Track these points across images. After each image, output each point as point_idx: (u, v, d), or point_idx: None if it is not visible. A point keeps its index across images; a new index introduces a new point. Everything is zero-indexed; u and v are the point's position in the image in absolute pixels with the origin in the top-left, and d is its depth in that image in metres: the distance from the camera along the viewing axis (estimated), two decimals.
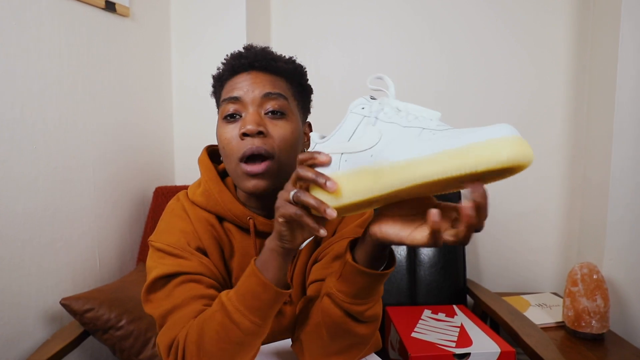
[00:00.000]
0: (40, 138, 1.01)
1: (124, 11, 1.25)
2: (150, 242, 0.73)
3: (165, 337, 0.64)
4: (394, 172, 0.47)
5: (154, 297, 0.68)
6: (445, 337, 1.14)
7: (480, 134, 0.43)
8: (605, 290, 1.24)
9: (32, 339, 1.00)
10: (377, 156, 0.49)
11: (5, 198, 0.93)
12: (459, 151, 0.43)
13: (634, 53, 1.32)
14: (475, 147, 0.42)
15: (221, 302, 0.61)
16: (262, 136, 0.68)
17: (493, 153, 0.41)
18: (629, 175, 1.35)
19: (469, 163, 0.42)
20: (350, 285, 0.59)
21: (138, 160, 1.35)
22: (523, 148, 0.42)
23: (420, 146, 0.46)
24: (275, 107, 0.70)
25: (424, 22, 1.63)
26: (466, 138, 0.43)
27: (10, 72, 0.94)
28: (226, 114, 0.70)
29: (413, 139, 0.47)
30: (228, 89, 0.72)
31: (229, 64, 0.74)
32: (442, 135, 0.46)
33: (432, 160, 0.44)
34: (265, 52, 0.74)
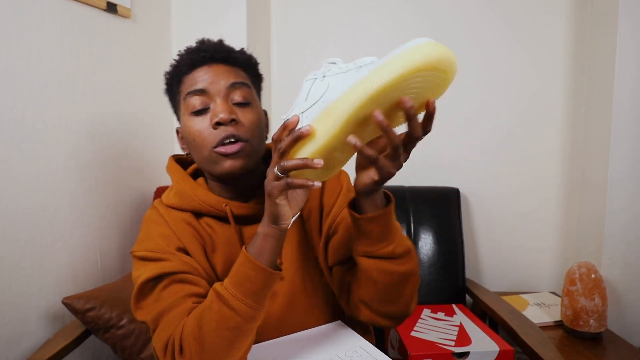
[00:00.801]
0: (41, 138, 1.01)
1: (125, 12, 1.25)
2: (132, 254, 0.74)
3: (160, 338, 0.65)
4: (339, 103, 0.53)
5: (144, 304, 0.69)
6: (444, 336, 1.15)
7: (398, 49, 0.50)
8: (604, 290, 1.25)
9: (33, 338, 1.00)
10: (326, 100, 0.55)
11: (6, 198, 0.93)
12: (383, 65, 0.49)
13: (632, 53, 1.33)
14: (395, 57, 0.49)
15: (216, 292, 0.63)
16: (234, 124, 0.71)
17: (411, 55, 0.48)
18: (627, 175, 1.35)
19: (394, 70, 0.48)
20: (367, 235, 0.65)
21: (139, 160, 1.36)
22: (438, 47, 0.49)
23: (355, 77, 0.53)
24: (241, 98, 0.73)
25: (424, 22, 1.63)
26: (387, 55, 0.50)
27: (11, 73, 0.94)
28: (194, 109, 0.72)
29: (351, 76, 0.54)
30: (189, 83, 0.73)
31: (187, 59, 0.75)
32: (372, 64, 0.53)
33: (364, 80, 0.50)
34: (222, 45, 0.76)
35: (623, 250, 1.37)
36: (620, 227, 1.37)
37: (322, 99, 0.56)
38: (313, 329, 0.78)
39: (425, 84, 0.51)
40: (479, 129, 1.64)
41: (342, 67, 0.57)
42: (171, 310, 0.66)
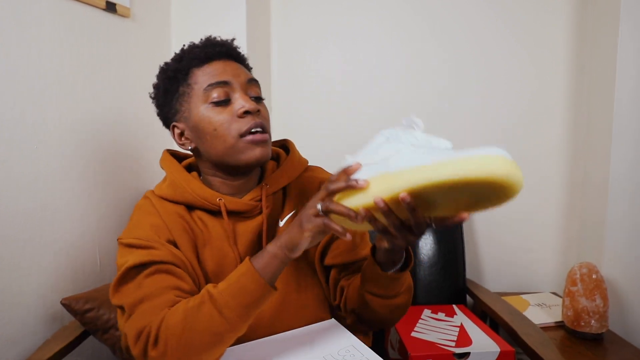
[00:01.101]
0: (40, 138, 1.01)
1: (124, 12, 1.25)
2: (119, 240, 0.74)
3: (135, 325, 0.64)
4: (399, 175, 0.53)
5: (125, 288, 0.69)
6: (445, 336, 1.14)
7: (476, 151, 0.48)
8: (605, 290, 1.25)
9: (32, 339, 1.00)
10: (389, 166, 0.55)
11: (5, 198, 0.93)
12: (450, 162, 0.48)
13: (633, 53, 1.32)
14: (464, 159, 0.47)
15: (210, 295, 0.63)
16: (259, 114, 0.74)
17: (483, 165, 0.46)
18: (628, 175, 1.35)
19: (458, 172, 0.47)
20: (381, 285, 0.71)
21: (138, 160, 1.35)
22: (514, 168, 0.46)
23: (421, 158, 0.52)
24: (257, 93, 0.77)
25: (424, 22, 1.63)
26: (462, 153, 0.49)
27: (11, 72, 0.94)
28: (217, 99, 0.73)
29: (418, 154, 0.54)
30: (208, 75, 0.74)
31: (199, 52, 0.75)
32: (443, 152, 0.52)
33: (428, 167, 0.50)
34: (232, 44, 0.80)
35: (624, 251, 1.36)
36: (621, 228, 1.37)
37: (386, 162, 0.56)
38: (306, 327, 0.78)
39: (480, 193, 0.50)
40: (479, 128, 1.64)
41: (417, 139, 0.58)
42: (151, 299, 0.65)
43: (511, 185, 0.46)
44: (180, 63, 0.76)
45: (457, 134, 1.64)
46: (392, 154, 0.56)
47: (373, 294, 0.72)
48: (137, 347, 0.62)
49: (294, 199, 0.83)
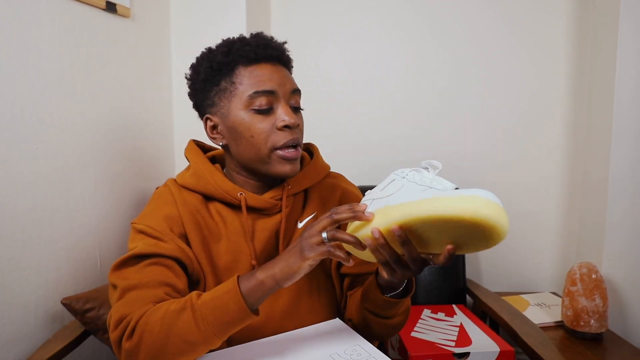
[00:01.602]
0: (41, 138, 1.01)
1: (124, 12, 1.25)
2: (132, 224, 0.75)
3: (118, 311, 0.65)
4: (396, 208, 0.57)
5: (124, 271, 0.70)
6: (444, 336, 1.15)
7: (469, 191, 0.51)
8: (604, 290, 1.25)
9: (32, 339, 1.00)
10: (390, 200, 0.59)
11: (5, 198, 0.93)
12: (444, 200, 0.52)
13: (633, 53, 1.33)
14: (457, 198, 0.51)
15: (192, 303, 0.62)
16: (297, 129, 0.74)
17: (468, 205, 0.49)
18: (628, 175, 1.35)
19: (449, 209, 0.50)
20: (379, 306, 0.72)
21: (138, 159, 1.36)
22: (498, 212, 0.50)
23: (418, 195, 0.56)
24: (297, 103, 0.77)
25: (424, 22, 1.63)
26: (455, 192, 0.52)
27: (11, 72, 0.93)
28: (260, 107, 0.72)
29: (417, 192, 0.57)
30: (255, 79, 0.73)
31: (249, 51, 0.73)
32: (439, 191, 0.56)
33: (423, 202, 0.54)
34: (283, 47, 0.79)
35: (624, 251, 1.37)
36: (621, 227, 1.37)
37: (390, 197, 0.60)
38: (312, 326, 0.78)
39: (468, 233, 0.53)
40: (479, 128, 1.64)
41: (422, 178, 0.61)
42: (142, 289, 0.66)
43: (494, 227, 0.49)
44: (227, 57, 0.74)
45: (457, 134, 1.64)
46: (397, 189, 0.60)
47: (370, 311, 0.74)
48: (115, 333, 0.63)
49: (315, 202, 0.83)
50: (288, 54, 0.81)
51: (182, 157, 1.58)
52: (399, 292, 0.71)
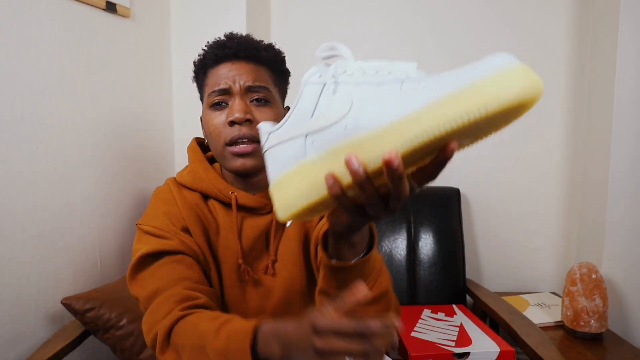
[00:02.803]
0: (41, 138, 1.01)
1: (124, 12, 1.25)
2: (137, 225, 0.77)
3: (147, 321, 0.67)
4: (379, 139, 0.38)
5: (140, 276, 0.71)
6: (444, 336, 1.15)
7: (480, 70, 0.35)
8: (604, 290, 1.25)
9: (33, 339, 1.00)
10: (352, 127, 0.40)
11: (5, 198, 0.93)
12: (460, 94, 0.35)
13: (633, 53, 1.33)
14: (479, 84, 0.34)
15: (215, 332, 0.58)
16: (248, 124, 0.73)
17: (502, 88, 0.34)
18: (628, 175, 1.35)
19: (475, 106, 0.34)
20: (336, 282, 0.56)
21: (139, 160, 1.36)
22: (534, 77, 0.36)
23: (405, 100, 0.38)
24: (262, 96, 0.75)
25: (424, 23, 1.64)
26: (463, 77, 0.36)
27: (11, 73, 0.94)
28: (212, 103, 0.75)
29: (394, 95, 0.39)
30: (213, 79, 0.76)
31: (212, 53, 0.77)
32: (430, 82, 0.38)
33: (426, 112, 0.36)
34: (247, 42, 0.77)
35: (624, 251, 1.37)
36: (621, 228, 1.37)
37: (343, 124, 0.41)
38: None
39: (490, 123, 0.38)
40: None
41: (367, 76, 0.42)
42: (162, 293, 0.67)
43: (537, 98, 0.36)
44: (201, 62, 0.79)
45: None
46: (345, 107, 0.41)
47: (328, 295, 0.58)
48: (150, 346, 0.65)
49: None
50: (249, 49, 0.75)
51: (182, 157, 1.59)
52: (362, 254, 0.55)
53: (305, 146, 0.44)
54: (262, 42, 0.80)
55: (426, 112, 0.36)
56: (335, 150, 0.41)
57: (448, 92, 0.35)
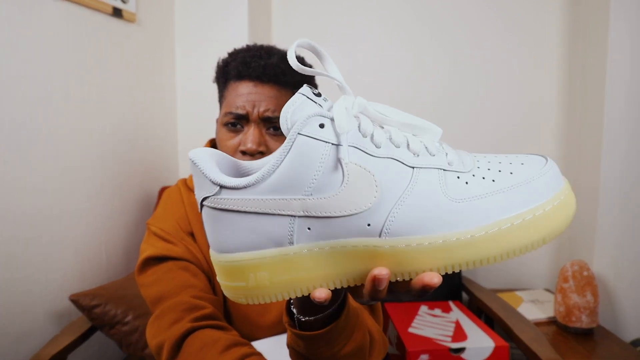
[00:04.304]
0: (48, 140, 1.02)
1: (130, 17, 1.26)
2: (148, 225, 0.76)
3: (154, 327, 0.65)
4: (421, 256, 0.31)
5: (145, 277, 0.71)
6: (441, 332, 1.16)
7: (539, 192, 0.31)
8: (595, 287, 1.27)
9: (41, 334, 1.02)
10: (378, 225, 0.31)
11: (14, 198, 0.95)
12: (523, 225, 0.31)
13: (623, 62, 1.34)
14: (546, 213, 0.31)
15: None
16: (260, 155, 0.69)
17: (564, 219, 0.31)
18: (617, 181, 1.38)
19: (538, 238, 0.31)
20: (302, 344, 0.47)
21: (143, 161, 1.37)
22: (574, 200, 0.33)
23: (457, 213, 0.31)
24: (278, 126, 0.70)
25: (424, 23, 1.64)
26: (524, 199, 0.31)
27: (19, 77, 0.95)
28: (228, 122, 0.72)
29: (436, 196, 0.31)
30: (232, 96, 0.72)
31: (235, 68, 0.72)
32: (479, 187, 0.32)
33: (485, 239, 0.30)
34: (273, 65, 0.72)
35: (614, 249, 1.39)
36: (611, 227, 1.39)
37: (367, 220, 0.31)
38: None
39: None
40: (473, 134, 1.65)
41: (393, 146, 0.33)
42: (167, 299, 0.67)
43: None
44: (225, 68, 0.75)
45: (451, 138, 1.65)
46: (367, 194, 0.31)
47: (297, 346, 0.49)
48: (157, 356, 0.64)
49: None
50: (275, 73, 0.71)
51: (186, 159, 1.60)
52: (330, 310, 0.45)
53: (293, 231, 0.32)
54: (287, 63, 0.72)
55: (485, 240, 0.31)
56: (348, 251, 0.32)
57: (507, 217, 0.31)
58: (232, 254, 0.34)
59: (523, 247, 0.31)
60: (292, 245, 0.32)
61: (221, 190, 0.33)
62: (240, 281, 0.34)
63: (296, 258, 0.32)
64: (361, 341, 0.52)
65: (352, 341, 0.50)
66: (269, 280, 0.33)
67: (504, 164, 0.33)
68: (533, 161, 0.33)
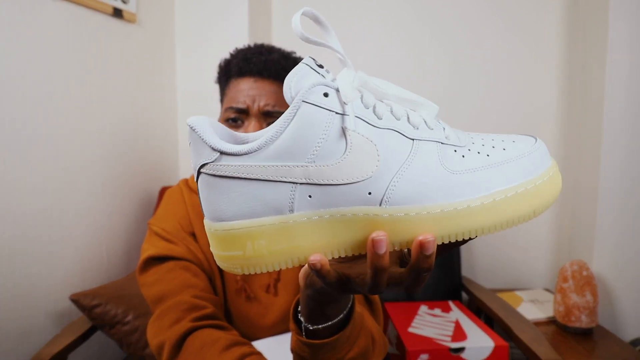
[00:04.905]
0: (48, 140, 1.03)
1: (130, 17, 1.26)
2: (149, 225, 0.77)
3: (155, 326, 0.65)
4: (419, 223, 0.32)
5: (146, 277, 0.71)
6: (441, 331, 1.16)
7: (530, 168, 0.33)
8: (595, 287, 1.27)
9: (42, 334, 1.02)
10: (378, 194, 0.32)
11: (15, 198, 0.95)
12: (516, 197, 0.32)
13: (622, 63, 1.34)
14: (537, 189, 0.33)
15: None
16: None
17: (552, 194, 0.34)
18: (617, 181, 1.38)
19: (529, 210, 0.33)
20: (307, 350, 0.47)
21: (144, 161, 1.37)
22: (560, 180, 0.36)
23: (453, 185, 0.32)
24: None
25: (424, 23, 1.64)
26: (516, 172, 0.33)
27: (20, 77, 0.95)
28: (229, 118, 0.73)
29: (435, 168, 0.32)
30: (233, 92, 0.73)
31: (237, 65, 0.74)
32: (475, 160, 0.33)
33: (481, 210, 0.32)
34: (274, 61, 0.74)
35: (613, 249, 1.40)
36: (610, 227, 1.40)
37: (368, 188, 0.32)
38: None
39: None
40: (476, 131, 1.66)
41: (394, 117, 0.34)
42: (168, 299, 0.67)
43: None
44: (226, 67, 0.77)
45: None
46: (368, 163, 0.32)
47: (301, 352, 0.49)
48: (158, 355, 0.64)
49: None
50: (276, 69, 0.72)
51: (186, 159, 1.60)
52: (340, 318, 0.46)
53: (294, 198, 0.32)
54: (292, 57, 0.76)
55: (481, 210, 0.32)
56: (348, 219, 0.32)
57: (501, 189, 0.32)
58: (229, 222, 0.33)
59: (516, 218, 0.32)
60: (292, 213, 0.32)
61: (221, 156, 0.32)
62: (236, 250, 0.33)
63: (296, 226, 0.33)
64: (365, 346, 0.53)
65: (357, 346, 0.51)
66: (267, 249, 0.33)
67: (496, 141, 0.35)
68: (524, 140, 0.36)
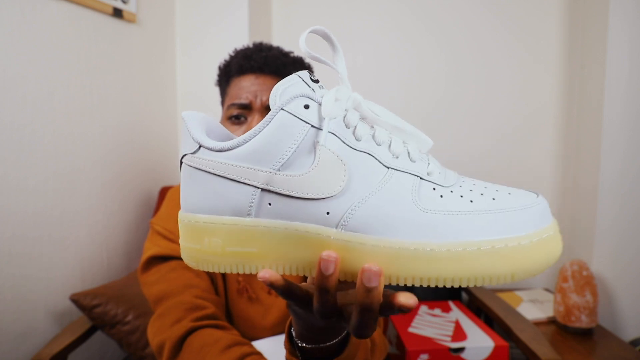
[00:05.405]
0: (49, 141, 1.03)
1: (130, 17, 1.26)
2: (151, 224, 0.77)
3: (155, 326, 0.65)
4: (373, 256, 0.29)
5: (148, 276, 0.71)
6: (441, 331, 1.16)
7: (519, 224, 0.29)
8: (595, 287, 1.28)
9: (42, 334, 1.02)
10: (337, 216, 0.30)
11: (16, 199, 0.95)
12: (499, 251, 0.28)
13: (622, 63, 1.35)
14: (521, 247, 0.28)
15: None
16: None
17: (543, 259, 0.29)
18: (617, 180, 1.38)
19: (506, 272, 0.28)
20: None
21: (144, 161, 1.38)
22: (560, 245, 0.31)
23: (423, 225, 0.29)
24: None
25: (424, 24, 1.65)
26: (500, 227, 0.29)
27: (20, 77, 0.95)
28: (231, 115, 0.73)
29: (407, 204, 0.30)
30: (235, 90, 0.73)
31: (237, 63, 0.74)
32: (453, 203, 0.30)
33: (449, 259, 0.28)
34: (274, 56, 0.74)
35: (613, 249, 1.40)
36: (610, 227, 1.40)
37: (328, 207, 0.30)
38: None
39: None
40: (472, 134, 1.66)
41: (373, 142, 0.32)
42: (170, 298, 0.67)
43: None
44: (226, 68, 0.77)
45: (450, 138, 1.66)
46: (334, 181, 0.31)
47: None
48: (158, 355, 0.64)
49: None
50: (276, 64, 0.73)
51: None
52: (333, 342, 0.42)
53: (254, 203, 0.32)
54: (291, 55, 0.77)
55: (447, 257, 0.28)
56: (301, 236, 0.31)
57: (481, 239, 0.28)
58: (194, 214, 0.34)
59: (486, 277, 0.28)
60: (249, 217, 0.32)
61: (200, 149, 0.33)
62: (195, 243, 0.34)
63: (251, 231, 0.32)
64: (364, 358, 0.51)
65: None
66: (221, 247, 0.33)
67: (489, 190, 0.32)
68: (522, 194, 0.31)
